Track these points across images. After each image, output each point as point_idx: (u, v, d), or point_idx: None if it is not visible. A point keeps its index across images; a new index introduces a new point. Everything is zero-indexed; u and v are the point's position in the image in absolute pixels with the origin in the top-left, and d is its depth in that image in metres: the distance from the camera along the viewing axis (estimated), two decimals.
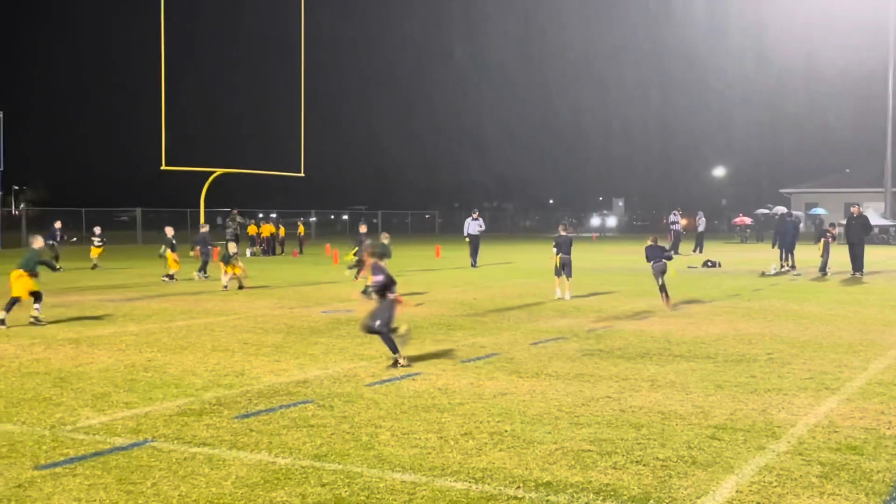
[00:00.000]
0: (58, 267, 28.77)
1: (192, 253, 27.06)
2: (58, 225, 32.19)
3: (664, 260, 18.17)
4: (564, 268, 19.26)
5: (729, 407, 8.62)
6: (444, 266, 31.69)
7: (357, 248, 25.58)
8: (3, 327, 14.62)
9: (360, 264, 25.32)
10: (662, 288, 17.93)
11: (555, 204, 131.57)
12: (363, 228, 26.90)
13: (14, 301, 15.10)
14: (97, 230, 32.29)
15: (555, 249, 19.54)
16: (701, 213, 43.42)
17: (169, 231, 25.81)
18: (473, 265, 31.19)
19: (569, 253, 19.40)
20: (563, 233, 19.70)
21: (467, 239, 32.09)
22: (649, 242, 18.58)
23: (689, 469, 6.56)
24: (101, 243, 31.65)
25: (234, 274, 22.17)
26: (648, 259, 18.35)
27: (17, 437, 7.54)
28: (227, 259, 22.31)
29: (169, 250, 25.11)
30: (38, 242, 16.16)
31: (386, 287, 10.91)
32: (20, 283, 15.24)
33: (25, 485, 6.21)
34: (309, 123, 43.80)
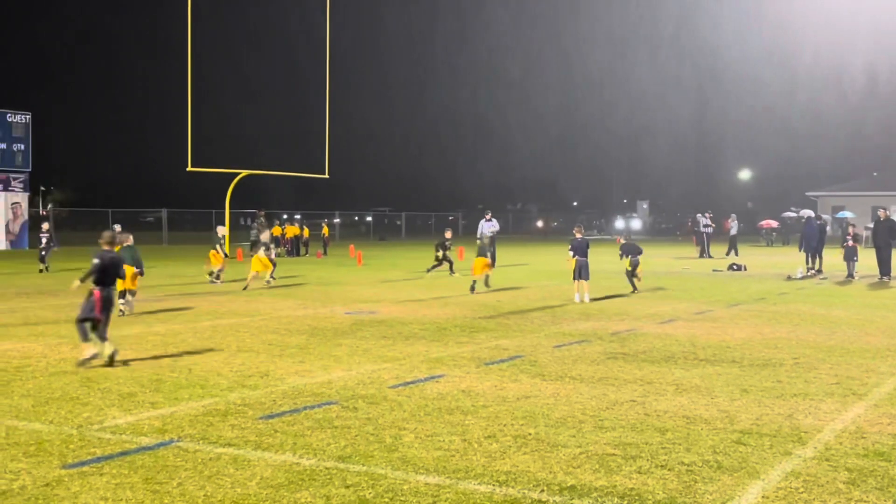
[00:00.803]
0: (43, 268, 29.04)
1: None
2: (45, 227, 32.43)
3: (637, 255, 21.22)
4: (581, 271, 19.22)
5: (755, 412, 8.56)
6: (467, 267, 31.63)
7: (440, 251, 27.50)
8: (126, 316, 16.46)
9: (440, 263, 27.34)
10: (632, 275, 21.18)
11: (579, 206, 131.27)
12: (448, 234, 28.16)
13: (131, 292, 17.06)
14: (117, 228, 32.45)
15: (571, 253, 19.54)
16: (734, 216, 43.04)
17: (220, 230, 26.34)
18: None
19: (585, 256, 19.37)
20: (578, 235, 19.67)
21: (478, 242, 32.13)
22: (622, 241, 21.08)
23: (714, 474, 6.53)
24: None
25: (256, 272, 22.88)
26: (626, 254, 21.01)
27: (44, 435, 7.61)
28: (259, 246, 23.69)
29: (218, 247, 25.55)
30: (130, 240, 17.49)
31: (99, 277, 11.27)
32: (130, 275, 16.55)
33: (53, 483, 6.27)
34: (333, 125, 43.95)
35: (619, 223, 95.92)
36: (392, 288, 23.30)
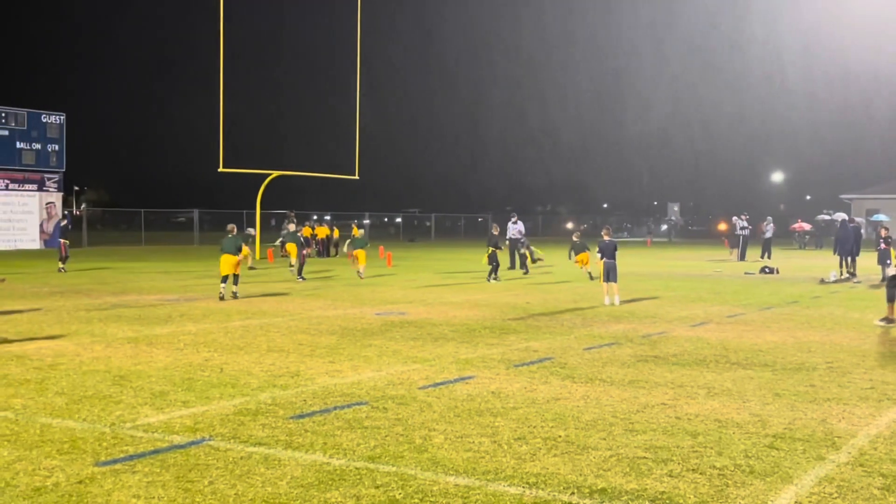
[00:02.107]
0: (62, 267, 29.30)
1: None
2: (63, 223, 32.82)
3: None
4: (610, 273, 19.16)
5: (787, 416, 8.48)
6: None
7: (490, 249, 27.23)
8: (231, 299, 19.57)
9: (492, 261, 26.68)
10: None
11: (609, 208, 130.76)
12: (495, 230, 28.14)
13: (227, 278, 19.83)
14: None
15: (598, 255, 19.50)
16: (770, 219, 42.66)
17: (291, 227, 29.28)
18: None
19: (613, 258, 19.29)
20: (606, 237, 19.62)
21: (507, 243, 32.17)
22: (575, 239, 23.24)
23: (746, 478, 6.47)
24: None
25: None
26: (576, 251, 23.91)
27: (78, 433, 7.68)
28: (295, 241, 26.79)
29: (289, 243, 27.44)
30: (234, 230, 20.48)
31: None
32: (230, 264, 19.76)
33: (86, 481, 6.32)
34: (363, 127, 44.08)
35: (650, 225, 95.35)
36: (421, 289, 23.32)
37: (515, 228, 32.38)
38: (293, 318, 16.42)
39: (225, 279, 19.83)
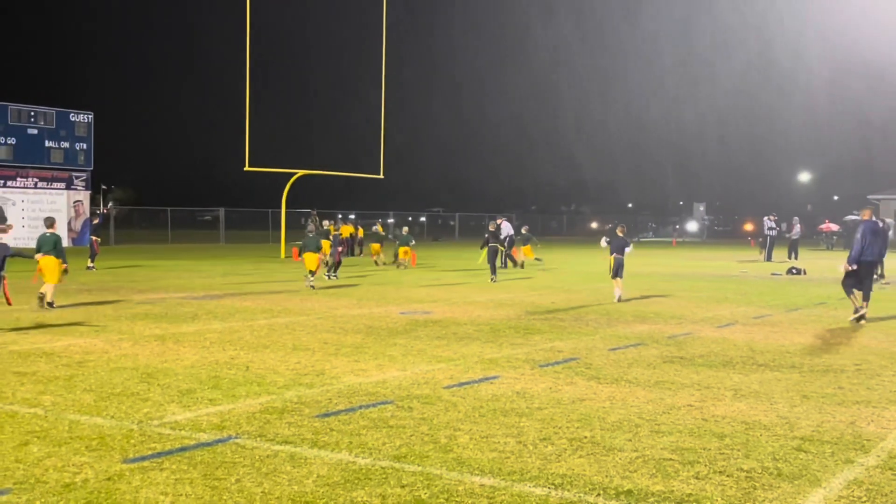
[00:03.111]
0: (92, 265, 29.50)
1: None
2: (96, 220, 33.14)
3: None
4: (619, 269, 19.44)
5: (815, 418, 8.41)
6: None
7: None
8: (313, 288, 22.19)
9: (491, 254, 27.08)
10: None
11: (635, 208, 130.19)
12: (492, 227, 28.41)
13: (312, 273, 22.69)
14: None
15: (604, 241, 20.20)
16: (797, 219, 42.31)
17: (326, 223, 32.13)
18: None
19: (622, 254, 19.55)
20: (620, 234, 19.96)
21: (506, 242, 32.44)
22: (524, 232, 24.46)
23: (774, 481, 6.42)
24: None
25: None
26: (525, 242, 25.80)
27: (106, 430, 7.74)
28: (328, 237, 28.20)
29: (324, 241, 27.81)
30: (314, 231, 24.57)
31: None
32: (312, 260, 22.71)
33: (115, 478, 6.37)
34: (388, 126, 44.16)
35: (676, 225, 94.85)
36: (446, 288, 23.33)
37: (509, 228, 33.03)
38: (318, 316, 16.48)
39: (312, 273, 22.70)
